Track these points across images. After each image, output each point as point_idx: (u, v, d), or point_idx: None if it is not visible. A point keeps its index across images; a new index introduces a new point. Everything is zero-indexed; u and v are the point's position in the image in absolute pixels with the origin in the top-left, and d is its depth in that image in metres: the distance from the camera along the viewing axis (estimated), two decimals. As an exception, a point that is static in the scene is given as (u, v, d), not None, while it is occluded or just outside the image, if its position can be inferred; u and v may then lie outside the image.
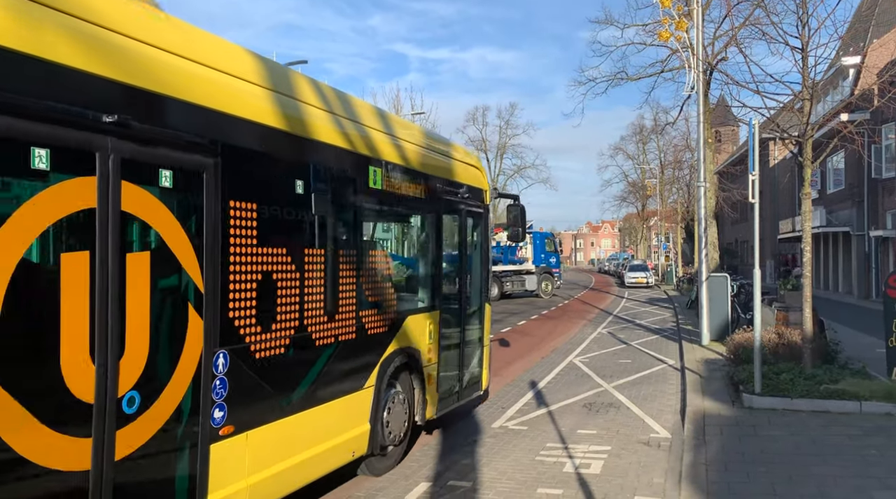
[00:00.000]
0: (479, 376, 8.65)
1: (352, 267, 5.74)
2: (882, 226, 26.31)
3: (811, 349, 9.50)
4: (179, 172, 3.92)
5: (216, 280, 4.14)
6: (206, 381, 4.06)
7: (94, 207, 3.38)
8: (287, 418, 4.85)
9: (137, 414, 3.63)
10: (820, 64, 9.73)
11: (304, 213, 5.18)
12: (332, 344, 5.39)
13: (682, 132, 46.34)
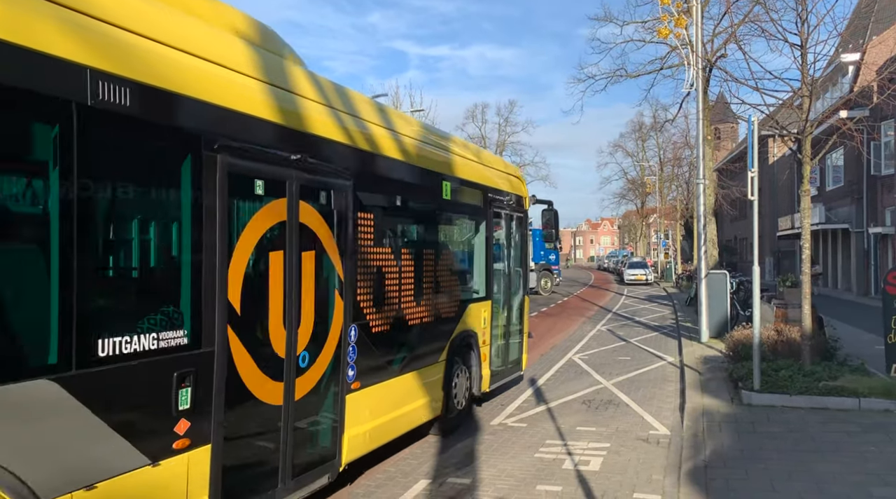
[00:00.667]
0: (520, 357, 10.07)
1: (432, 263, 7.12)
2: (881, 223, 26.32)
3: (810, 346, 9.52)
4: (331, 192, 5.37)
5: (351, 273, 5.55)
6: (344, 347, 5.44)
7: (285, 219, 4.76)
8: (391, 380, 6.25)
9: (307, 368, 4.99)
10: (819, 61, 9.73)
11: (404, 221, 6.77)
12: (419, 324, 6.79)
13: (681, 129, 46.35)
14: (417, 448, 7.14)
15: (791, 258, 38.14)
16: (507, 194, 9.37)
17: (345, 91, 6.09)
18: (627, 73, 24.68)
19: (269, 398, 4.61)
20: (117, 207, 3.69)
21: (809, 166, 9.75)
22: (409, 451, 7.04)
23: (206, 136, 4.07)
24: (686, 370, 11.09)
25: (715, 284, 15.03)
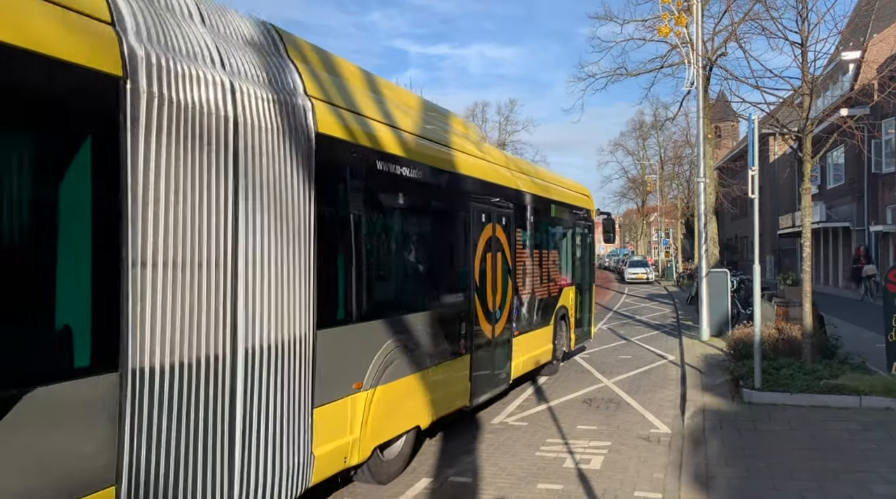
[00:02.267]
0: (590, 327, 13.68)
1: (549, 259, 10.79)
2: (882, 221, 26.30)
3: (811, 344, 9.51)
4: (504, 218, 8.70)
5: (514, 265, 9.04)
6: (511, 308, 8.87)
7: (490, 235, 8.15)
8: (529, 332, 9.76)
9: (499, 319, 8.38)
10: (819, 59, 9.74)
11: (536, 232, 10.13)
12: (543, 298, 10.43)
13: (681, 128, 46.30)
14: (418, 446, 7.14)
15: (792, 257, 38.14)
16: (583, 209, 12.85)
17: (510, 157, 10.51)
18: (628, 72, 24.67)
19: (487, 332, 8.06)
20: (434, 233, 7.17)
21: (810, 165, 9.74)
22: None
23: (466, 192, 7.61)
24: (687, 369, 11.09)
25: (716, 282, 15.02)
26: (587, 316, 13.27)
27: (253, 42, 4.77)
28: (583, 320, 12.93)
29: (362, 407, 5.47)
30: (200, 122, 3.89)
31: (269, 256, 4.35)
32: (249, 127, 4.25)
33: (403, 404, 6.15)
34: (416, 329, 6.35)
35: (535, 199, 10.02)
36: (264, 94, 4.44)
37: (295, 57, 5.16)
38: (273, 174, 4.41)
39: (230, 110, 4.12)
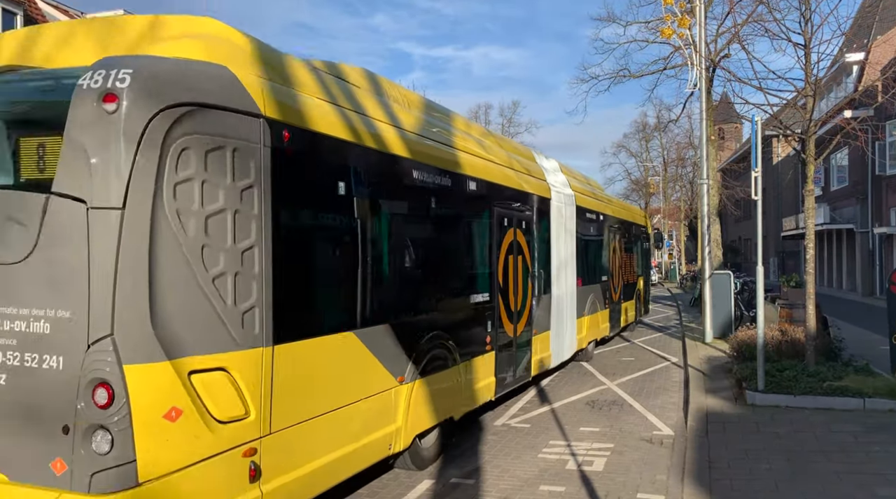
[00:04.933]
0: (648, 307, 20.86)
1: (628, 260, 16.67)
2: (886, 223, 26.24)
3: (814, 346, 9.48)
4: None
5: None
6: (621, 289, 15.74)
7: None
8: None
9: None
10: (823, 60, 9.70)
11: (628, 242, 17.03)
12: (628, 283, 16.88)
13: (684, 129, 46.36)
14: (421, 449, 7.14)
15: (795, 258, 38.06)
16: (643, 226, 19.59)
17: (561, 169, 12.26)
18: (631, 74, 24.58)
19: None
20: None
21: (813, 166, 9.72)
22: (413, 451, 7.04)
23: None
24: (690, 371, 11.06)
25: (719, 284, 14.99)
26: (649, 297, 21.23)
27: (529, 157, 11.01)
28: (645, 301, 20.14)
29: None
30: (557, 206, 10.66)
31: None
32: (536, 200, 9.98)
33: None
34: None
35: (626, 223, 16.78)
36: (542, 186, 10.36)
37: (562, 169, 12.25)
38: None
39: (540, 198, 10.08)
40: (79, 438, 3.65)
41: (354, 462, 5.34)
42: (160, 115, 3.79)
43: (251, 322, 4.22)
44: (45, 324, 3.75)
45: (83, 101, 3.71)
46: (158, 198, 3.80)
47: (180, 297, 3.88)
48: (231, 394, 4.11)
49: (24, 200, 3.86)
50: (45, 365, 3.73)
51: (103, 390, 3.63)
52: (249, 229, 4.23)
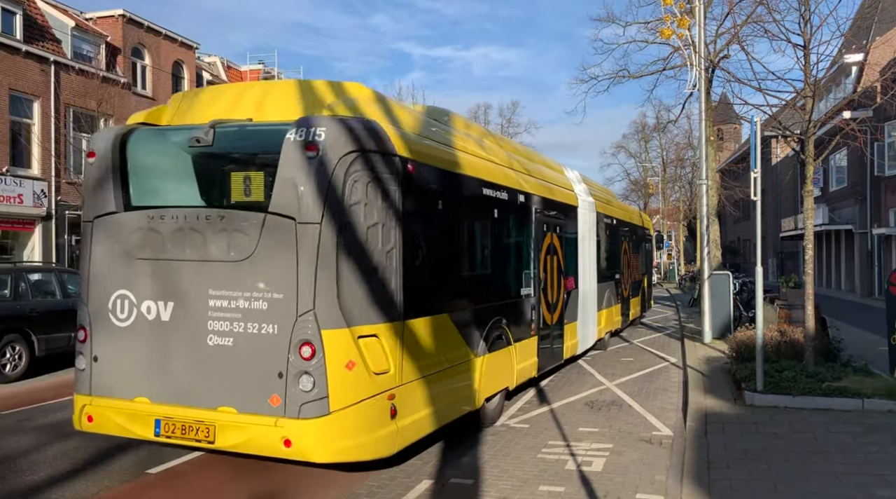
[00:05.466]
0: (650, 302, 22.18)
1: (635, 260, 18.26)
2: (885, 223, 26.26)
3: (813, 347, 9.50)
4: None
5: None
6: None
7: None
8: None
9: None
10: (822, 61, 9.71)
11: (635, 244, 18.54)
12: (636, 281, 18.41)
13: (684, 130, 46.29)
14: (420, 449, 7.14)
15: (794, 259, 38.09)
16: (647, 229, 20.85)
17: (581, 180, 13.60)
18: (630, 74, 24.56)
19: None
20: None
21: (812, 167, 9.73)
22: (412, 451, 7.04)
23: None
24: (689, 371, 11.07)
25: (718, 285, 15.00)
26: (651, 294, 22.35)
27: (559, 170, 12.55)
28: (649, 296, 21.69)
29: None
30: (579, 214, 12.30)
31: None
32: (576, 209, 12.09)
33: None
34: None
35: (633, 226, 18.26)
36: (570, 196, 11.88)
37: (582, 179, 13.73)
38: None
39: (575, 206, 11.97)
40: (290, 380, 5.35)
41: (449, 413, 6.99)
42: (342, 159, 5.50)
43: (392, 303, 5.89)
44: (264, 303, 5.47)
45: (292, 149, 5.45)
46: (341, 216, 5.48)
47: (353, 284, 5.56)
48: (381, 354, 5.77)
49: (247, 216, 5.61)
50: (263, 331, 5.47)
51: (308, 347, 5.33)
52: (390, 237, 5.88)
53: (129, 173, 6.23)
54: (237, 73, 32.41)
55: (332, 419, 5.35)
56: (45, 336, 11.67)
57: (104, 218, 6.15)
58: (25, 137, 20.53)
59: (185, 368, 5.73)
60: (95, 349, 6.09)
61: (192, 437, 5.67)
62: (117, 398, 5.97)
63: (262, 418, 5.40)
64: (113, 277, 6.05)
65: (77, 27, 22.34)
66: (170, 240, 5.83)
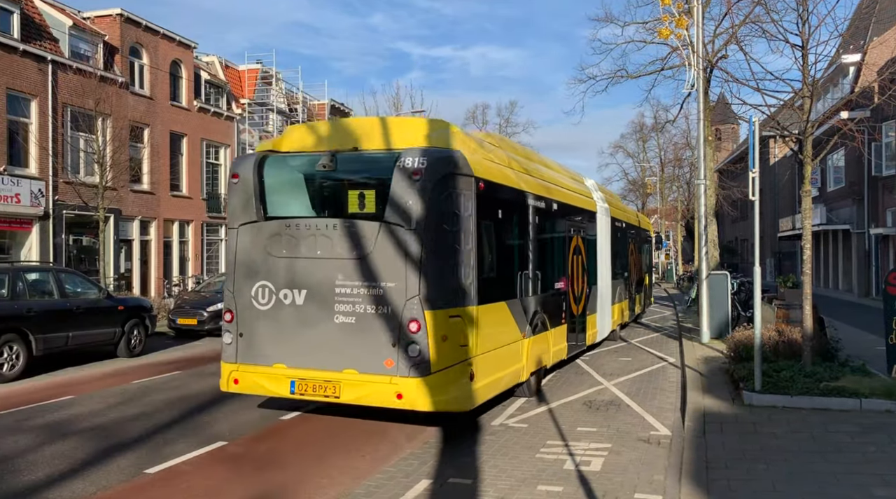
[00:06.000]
0: (651, 299, 23.37)
1: (640, 259, 19.89)
2: (882, 224, 26.29)
3: (811, 347, 9.50)
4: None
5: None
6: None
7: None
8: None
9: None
10: (820, 61, 9.71)
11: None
12: (640, 279, 19.86)
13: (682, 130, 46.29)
14: (419, 449, 7.14)
15: (792, 259, 38.12)
16: (647, 231, 22.40)
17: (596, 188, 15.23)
18: (628, 74, 24.55)
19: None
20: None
21: (810, 167, 9.74)
22: (410, 451, 7.04)
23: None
24: (687, 371, 11.07)
25: (716, 285, 15.02)
26: (651, 292, 23.88)
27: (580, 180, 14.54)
28: (650, 294, 23.17)
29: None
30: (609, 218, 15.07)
31: None
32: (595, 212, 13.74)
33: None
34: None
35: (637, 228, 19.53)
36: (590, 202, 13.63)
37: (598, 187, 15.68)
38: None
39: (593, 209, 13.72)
40: (401, 348, 7.03)
41: (506, 382, 8.72)
42: (438, 181, 7.21)
43: (470, 291, 7.58)
44: (380, 290, 7.12)
45: (402, 174, 7.16)
46: (437, 224, 7.17)
47: (445, 276, 7.26)
48: (463, 330, 7.46)
49: (367, 224, 7.28)
50: (379, 311, 7.13)
51: (415, 323, 6.99)
52: (469, 239, 7.53)
53: (266, 191, 7.87)
54: (235, 73, 32.35)
55: (432, 378, 6.99)
56: (42, 336, 11.64)
57: (247, 225, 7.83)
58: (23, 137, 20.47)
59: (315, 341, 7.39)
60: (240, 327, 7.76)
61: (322, 394, 7.36)
62: (259, 365, 7.63)
63: (380, 377, 7.07)
64: (255, 271, 7.71)
65: (75, 26, 22.29)
66: (303, 242, 7.50)
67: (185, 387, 10.58)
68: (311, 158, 7.82)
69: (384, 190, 7.31)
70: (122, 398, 9.75)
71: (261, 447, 7.30)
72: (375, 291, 7.15)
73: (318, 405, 8.73)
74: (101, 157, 20.36)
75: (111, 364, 12.91)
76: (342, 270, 7.32)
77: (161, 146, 25.77)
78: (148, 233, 25.44)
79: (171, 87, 26.61)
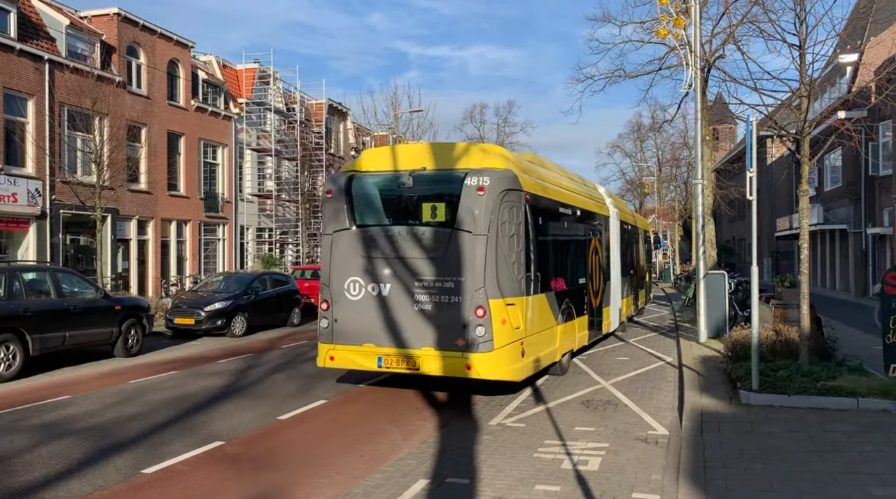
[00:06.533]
0: (650, 296, 24.93)
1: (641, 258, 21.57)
2: (879, 223, 26.33)
3: (808, 346, 9.51)
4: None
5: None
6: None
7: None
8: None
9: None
10: (818, 61, 9.74)
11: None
12: (642, 276, 21.52)
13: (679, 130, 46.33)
14: (416, 448, 7.13)
15: (789, 259, 38.15)
16: (647, 231, 23.52)
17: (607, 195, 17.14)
18: (626, 74, 24.56)
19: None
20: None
21: (808, 167, 9.74)
22: (408, 451, 7.04)
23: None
24: (684, 370, 11.08)
25: (713, 284, 15.02)
26: (651, 289, 25.86)
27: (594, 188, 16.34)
28: (650, 291, 25.12)
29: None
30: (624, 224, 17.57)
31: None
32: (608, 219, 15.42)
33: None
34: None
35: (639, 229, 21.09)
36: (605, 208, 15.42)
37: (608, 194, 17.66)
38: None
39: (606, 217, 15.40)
40: (471, 329, 8.69)
41: (546, 360, 10.37)
42: (498, 195, 8.89)
43: (522, 284, 9.33)
44: (451, 283, 8.80)
45: (469, 189, 8.87)
46: (497, 230, 8.83)
47: (503, 271, 8.89)
48: (516, 315, 9.06)
49: (441, 231, 9.05)
50: (451, 301, 8.81)
51: (481, 309, 8.65)
52: (520, 242, 9.31)
53: (354, 204, 9.63)
54: (233, 72, 32.30)
55: (494, 353, 8.74)
56: (39, 336, 11.62)
57: (340, 232, 9.58)
58: (20, 136, 20.41)
59: (398, 324, 9.10)
60: (335, 315, 9.49)
61: (404, 366, 9.07)
62: (351, 345, 9.39)
63: (452, 353, 8.81)
64: (347, 268, 9.45)
65: (72, 25, 22.24)
66: (386, 245, 9.24)
67: (182, 387, 10.57)
68: (388, 177, 9.66)
69: (454, 202, 9.02)
70: (119, 398, 9.73)
71: (258, 447, 7.29)
72: (448, 284, 8.86)
73: (318, 405, 8.67)
74: (98, 156, 20.32)
75: (108, 364, 12.89)
76: (420, 267, 9.05)
77: (158, 146, 25.73)
78: (145, 232, 25.40)
79: (169, 86, 26.56)
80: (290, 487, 6.02)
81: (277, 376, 11.58)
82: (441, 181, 9.41)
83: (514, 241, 9.14)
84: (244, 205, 31.35)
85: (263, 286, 18.98)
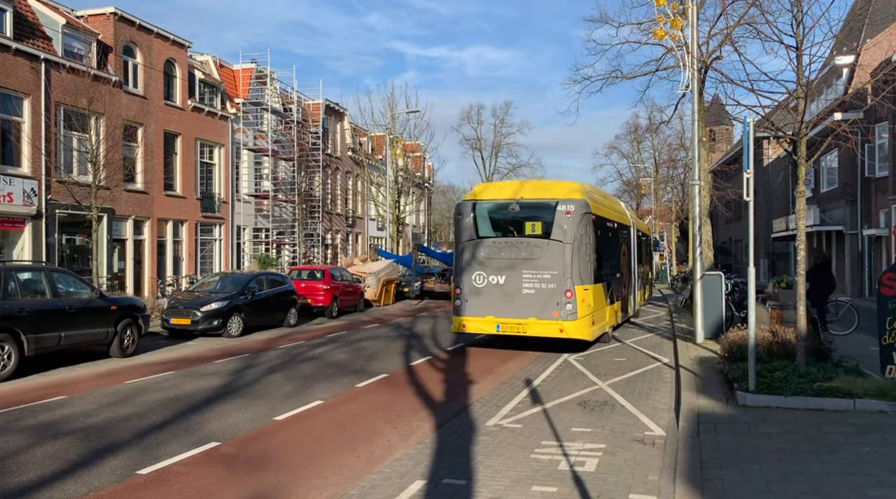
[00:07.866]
0: (650, 294, 29.17)
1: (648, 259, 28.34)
2: (875, 225, 26.38)
3: (805, 347, 9.52)
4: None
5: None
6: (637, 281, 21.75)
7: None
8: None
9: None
10: (814, 63, 9.72)
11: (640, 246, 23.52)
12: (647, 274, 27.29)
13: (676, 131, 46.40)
14: (413, 449, 7.12)
15: (786, 260, 38.21)
16: (646, 233, 27.50)
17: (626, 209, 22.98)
18: (623, 75, 24.56)
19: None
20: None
21: (804, 168, 9.75)
22: (405, 451, 7.02)
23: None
24: (681, 371, 11.08)
25: (710, 285, 15.03)
26: (650, 289, 28.59)
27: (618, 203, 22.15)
28: (650, 290, 28.62)
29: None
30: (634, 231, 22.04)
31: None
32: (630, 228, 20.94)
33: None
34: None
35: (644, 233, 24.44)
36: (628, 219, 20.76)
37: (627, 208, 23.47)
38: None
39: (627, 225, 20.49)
40: (562, 304, 13.40)
41: (602, 329, 14.98)
42: (579, 217, 13.71)
43: (591, 275, 14.10)
44: (548, 275, 13.48)
45: (560, 213, 13.66)
46: (577, 240, 13.58)
47: (582, 267, 13.67)
48: (589, 297, 13.78)
49: (540, 241, 13.74)
50: (548, 287, 13.48)
51: (569, 292, 13.37)
52: (590, 248, 14.09)
53: (478, 222, 14.26)
54: (229, 72, 32.24)
55: (578, 321, 13.31)
56: (34, 336, 11.58)
57: (468, 242, 14.20)
58: (15, 136, 20.36)
59: (511, 302, 13.60)
60: (465, 297, 14.02)
61: (515, 331, 13.61)
62: (477, 317, 13.94)
63: (550, 321, 13.34)
64: (473, 266, 14.01)
65: (68, 25, 22.19)
66: (502, 250, 13.81)
67: (178, 387, 10.54)
68: (500, 203, 14.32)
69: (549, 221, 13.60)
70: (114, 399, 9.70)
71: (254, 448, 7.26)
72: (546, 276, 13.37)
73: (314, 405, 8.65)
74: (94, 156, 20.25)
75: (104, 364, 12.85)
76: (526, 265, 13.54)
77: (155, 145, 25.68)
78: (141, 232, 25.35)
79: (165, 86, 26.52)
80: (286, 487, 6.00)
81: (274, 376, 11.56)
82: (539, 207, 13.86)
83: (587, 247, 13.76)
84: (241, 205, 31.31)
85: (260, 287, 18.95)
